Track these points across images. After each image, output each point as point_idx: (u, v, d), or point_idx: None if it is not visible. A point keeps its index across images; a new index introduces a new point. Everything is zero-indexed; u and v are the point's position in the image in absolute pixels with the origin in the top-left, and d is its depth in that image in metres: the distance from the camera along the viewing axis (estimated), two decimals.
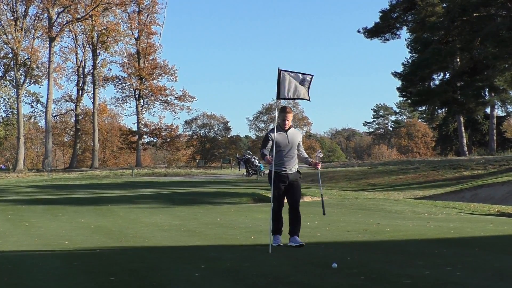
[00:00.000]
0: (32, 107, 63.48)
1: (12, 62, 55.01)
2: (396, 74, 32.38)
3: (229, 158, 66.25)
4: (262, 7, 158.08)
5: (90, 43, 59.62)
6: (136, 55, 62.40)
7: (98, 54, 59.92)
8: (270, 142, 6.96)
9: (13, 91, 57.93)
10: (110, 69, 64.20)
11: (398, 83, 32.44)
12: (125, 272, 5.44)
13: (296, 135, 7.08)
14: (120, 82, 63.97)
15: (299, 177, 7.12)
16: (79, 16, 55.40)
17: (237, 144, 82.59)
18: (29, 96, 61.47)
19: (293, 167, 6.99)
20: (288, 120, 7.01)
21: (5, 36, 53.37)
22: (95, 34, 58.01)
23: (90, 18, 54.78)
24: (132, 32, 61.98)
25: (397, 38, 33.37)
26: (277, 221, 6.99)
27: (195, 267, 5.55)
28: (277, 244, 6.88)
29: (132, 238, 8.39)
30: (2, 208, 14.31)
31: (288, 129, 7.01)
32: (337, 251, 6.47)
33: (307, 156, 7.17)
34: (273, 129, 7.09)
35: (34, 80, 57.95)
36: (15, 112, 57.65)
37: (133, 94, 63.46)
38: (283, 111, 7.10)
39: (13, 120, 60.16)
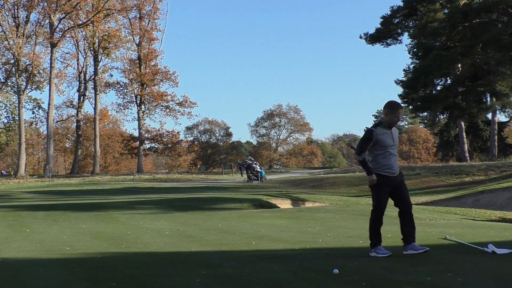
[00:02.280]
0: (33, 113, 63.70)
1: (13, 68, 55.17)
2: (399, 82, 32.46)
3: (230, 163, 66.26)
4: (263, 14, 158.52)
5: (92, 49, 59.82)
6: (138, 61, 62.59)
7: (99, 60, 60.13)
8: (371, 144, 6.34)
9: (14, 97, 58.09)
10: (111, 75, 64.47)
11: (399, 88, 32.47)
12: (126, 278, 5.44)
13: (396, 132, 6.58)
14: (121, 88, 64.20)
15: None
16: (80, 22, 55.62)
17: (238, 150, 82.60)
18: (30, 102, 61.67)
19: (397, 168, 6.50)
20: (398, 117, 6.43)
21: (6, 42, 53.54)
22: (97, 40, 58.20)
23: (91, 24, 55.00)
24: (134, 38, 62.21)
25: (399, 43, 33.45)
26: (379, 231, 6.43)
27: (196, 274, 5.54)
28: (389, 254, 6.27)
29: (133, 244, 8.38)
30: (3, 214, 14.31)
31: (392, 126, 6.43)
32: (338, 257, 6.45)
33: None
34: (376, 125, 6.48)
35: (35, 86, 58.15)
36: (17, 118, 57.76)
37: (135, 100, 63.60)
38: (397, 107, 6.43)
39: (14, 126, 60.27)
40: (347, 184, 33.05)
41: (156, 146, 69.77)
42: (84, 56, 62.32)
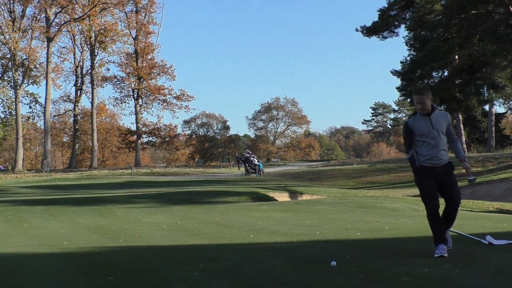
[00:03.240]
0: (30, 107, 63.57)
1: (10, 63, 54.96)
2: (395, 73, 32.39)
3: (228, 157, 66.34)
4: (260, 6, 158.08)
5: (88, 43, 59.61)
6: (134, 55, 62.42)
7: (96, 54, 59.91)
8: (413, 136, 5.76)
9: (11, 91, 57.98)
10: (108, 69, 64.43)
11: (397, 81, 32.51)
12: (124, 273, 5.44)
13: (440, 118, 5.75)
14: (118, 82, 64.05)
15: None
16: (76, 16, 55.38)
17: (236, 143, 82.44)
18: (27, 96, 61.55)
19: (442, 157, 5.71)
20: (421, 103, 5.69)
21: (2, 36, 53.30)
22: (93, 34, 58.02)
23: (87, 18, 54.80)
24: (130, 32, 62.04)
25: (396, 36, 33.52)
26: (437, 228, 5.73)
27: (194, 267, 5.55)
28: (440, 254, 5.60)
29: (131, 238, 8.38)
30: (1, 209, 14.31)
31: (431, 112, 5.72)
32: (336, 250, 6.46)
33: (459, 148, 5.82)
34: (410, 115, 5.95)
35: (32, 81, 57.94)
36: (14, 113, 57.61)
37: (132, 94, 63.52)
38: (414, 94, 5.84)
39: (11, 121, 60.17)
40: (345, 176, 33.09)
41: (153, 140, 69.80)
42: (81, 50, 62.14)
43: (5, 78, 58.62)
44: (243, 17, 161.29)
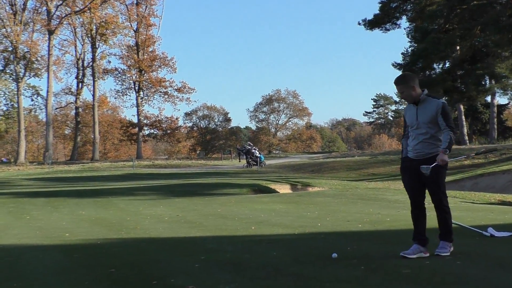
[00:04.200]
0: (32, 100, 63.57)
1: (11, 56, 54.92)
2: (396, 65, 32.25)
3: (230, 149, 66.44)
4: None
5: (89, 35, 59.54)
6: (135, 47, 62.36)
7: (97, 46, 59.85)
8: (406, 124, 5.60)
9: (13, 84, 57.92)
10: (109, 62, 64.51)
11: (398, 73, 32.38)
12: (125, 265, 5.46)
13: (426, 108, 5.38)
14: (119, 74, 64.04)
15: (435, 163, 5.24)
16: (77, 9, 55.27)
17: (238, 135, 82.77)
18: (29, 89, 61.45)
19: (421, 150, 5.37)
20: (401, 93, 5.48)
21: (4, 29, 53.27)
22: (94, 27, 57.93)
23: (88, 11, 54.66)
24: (131, 24, 61.93)
25: (397, 27, 33.28)
26: (414, 223, 5.50)
27: (195, 259, 5.56)
28: (403, 254, 5.27)
29: (132, 230, 8.42)
30: (3, 201, 14.37)
31: (419, 101, 5.40)
32: (337, 241, 6.47)
33: (444, 139, 5.28)
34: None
35: (34, 73, 57.89)
36: (16, 106, 57.70)
37: (133, 86, 63.53)
38: (395, 83, 5.50)
39: (13, 114, 60.25)
40: (347, 168, 33.08)
41: (155, 132, 69.89)
42: (82, 43, 62.08)
43: (7, 71, 58.56)
44: (243, 9, 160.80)
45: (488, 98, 50.24)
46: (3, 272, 5.30)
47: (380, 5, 32.39)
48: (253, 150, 37.92)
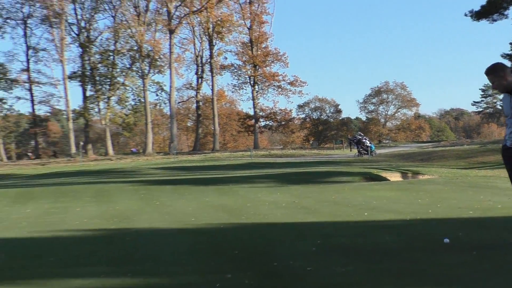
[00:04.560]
0: (157, 95, 67.83)
1: (137, 54, 58.75)
2: (506, 56, 30.41)
3: (341, 139, 66.52)
4: None
5: (206, 34, 62.03)
6: (249, 44, 64.13)
7: (214, 44, 62.23)
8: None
9: (139, 81, 61.88)
10: (226, 58, 67.07)
11: (508, 64, 30.35)
12: (247, 247, 5.79)
13: None
14: (235, 70, 66.26)
15: None
16: (195, 9, 57.79)
17: (348, 126, 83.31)
18: (154, 85, 65.13)
19: None
20: (492, 83, 5.33)
21: (129, 30, 57.11)
22: (211, 25, 60.20)
23: (205, 11, 56.93)
24: (245, 22, 63.66)
25: (505, 18, 31.34)
26: None
27: (312, 243, 5.80)
28: None
29: (252, 215, 8.72)
30: (136, 188, 15.44)
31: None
32: (448, 227, 6.43)
33: None
34: None
35: (157, 70, 61.41)
36: (142, 100, 61.64)
37: (248, 81, 65.45)
38: (485, 73, 5.37)
39: (141, 108, 64.21)
40: (456, 157, 31.52)
41: (270, 123, 71.48)
42: (200, 41, 64.98)
43: (134, 69, 62.66)
44: (351, 3, 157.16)
45: None
46: (139, 253, 5.79)
47: None
48: (364, 140, 37.55)
